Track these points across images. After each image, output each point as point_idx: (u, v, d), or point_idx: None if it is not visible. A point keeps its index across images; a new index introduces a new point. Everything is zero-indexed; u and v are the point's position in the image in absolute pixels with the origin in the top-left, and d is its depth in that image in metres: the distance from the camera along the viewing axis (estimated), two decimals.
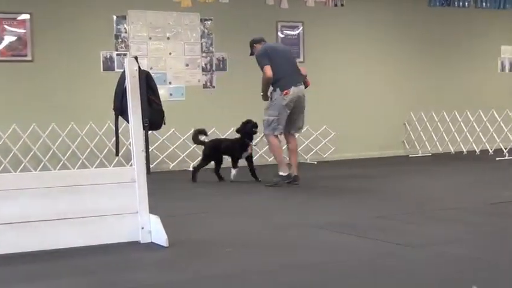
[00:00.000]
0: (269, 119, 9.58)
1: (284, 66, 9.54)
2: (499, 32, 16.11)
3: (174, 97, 12.73)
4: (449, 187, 9.23)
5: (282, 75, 9.47)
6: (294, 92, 9.44)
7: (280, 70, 9.48)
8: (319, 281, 4.41)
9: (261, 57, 9.64)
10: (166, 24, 12.74)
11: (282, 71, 9.49)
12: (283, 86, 9.43)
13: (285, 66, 9.55)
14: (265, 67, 9.48)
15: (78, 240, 5.52)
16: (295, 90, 9.46)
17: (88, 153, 11.90)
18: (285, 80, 9.47)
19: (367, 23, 14.60)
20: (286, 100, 9.42)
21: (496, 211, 7.01)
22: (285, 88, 9.41)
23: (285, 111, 9.48)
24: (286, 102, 9.43)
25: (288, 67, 9.61)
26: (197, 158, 12.50)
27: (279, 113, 9.47)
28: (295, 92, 9.46)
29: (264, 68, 9.49)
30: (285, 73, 9.50)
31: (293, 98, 9.46)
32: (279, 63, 9.52)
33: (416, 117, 14.71)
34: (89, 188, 5.62)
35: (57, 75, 11.90)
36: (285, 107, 9.45)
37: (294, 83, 9.50)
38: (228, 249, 5.42)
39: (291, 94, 9.41)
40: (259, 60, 9.62)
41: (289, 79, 9.49)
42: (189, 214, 7.41)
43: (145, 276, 4.67)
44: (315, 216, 7.05)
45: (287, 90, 9.40)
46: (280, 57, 9.63)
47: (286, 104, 9.44)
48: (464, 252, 5.08)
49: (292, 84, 9.46)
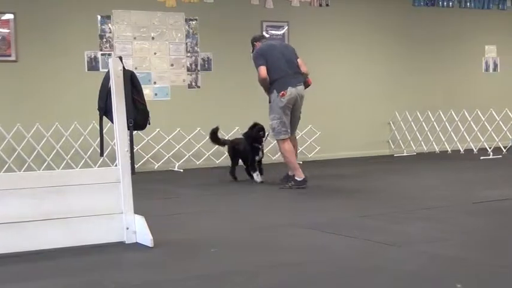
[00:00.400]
0: (272, 124, 9.31)
1: (281, 66, 9.22)
2: (483, 32, 16.18)
3: (159, 97, 12.71)
4: (434, 186, 9.27)
5: (279, 75, 9.18)
6: (291, 92, 9.14)
7: (276, 70, 9.18)
8: (303, 280, 4.42)
9: (256, 57, 9.38)
10: (151, 24, 12.72)
11: (279, 71, 9.19)
12: (279, 87, 9.14)
13: (282, 66, 9.22)
14: (259, 68, 9.22)
15: (63, 241, 5.49)
16: (292, 91, 9.15)
17: (73, 154, 11.87)
18: (281, 80, 9.16)
19: (352, 23, 14.63)
20: (284, 102, 9.14)
21: (480, 210, 7.04)
22: (282, 89, 9.12)
23: (285, 113, 9.21)
24: (284, 104, 9.15)
25: (285, 67, 9.24)
26: (183, 158, 12.51)
27: (279, 116, 9.20)
28: (293, 93, 9.16)
29: (258, 69, 9.24)
30: (282, 73, 9.19)
31: (291, 99, 9.17)
32: (275, 63, 9.21)
33: (401, 117, 14.75)
34: (74, 188, 5.60)
35: (41, 75, 11.85)
36: (284, 109, 9.18)
37: (291, 83, 9.18)
38: (213, 249, 5.42)
39: (287, 95, 9.11)
40: (254, 61, 9.39)
41: (286, 80, 9.18)
42: (174, 214, 7.40)
43: (130, 277, 4.67)
44: (300, 216, 7.06)
45: (283, 92, 9.10)
46: (277, 57, 9.27)
47: (284, 106, 9.16)
48: (448, 251, 5.10)
49: (289, 85, 9.14)
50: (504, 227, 6.18)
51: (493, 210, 6.99)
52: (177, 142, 12.55)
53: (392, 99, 14.92)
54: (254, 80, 13.27)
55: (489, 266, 4.61)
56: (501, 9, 16.37)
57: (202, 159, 12.75)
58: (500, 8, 16.36)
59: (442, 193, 8.43)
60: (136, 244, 5.66)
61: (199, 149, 12.70)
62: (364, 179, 10.32)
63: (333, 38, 14.16)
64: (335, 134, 13.78)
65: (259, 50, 9.39)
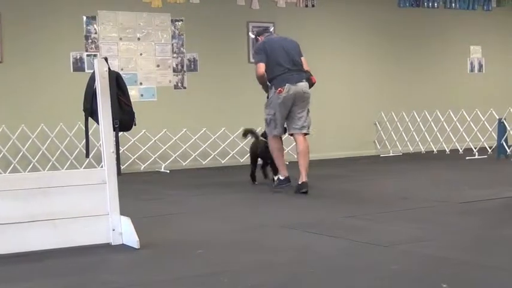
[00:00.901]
0: (266, 119, 9.10)
1: (282, 63, 8.90)
2: (468, 33, 16.26)
3: (145, 98, 12.69)
4: (419, 186, 9.29)
5: (278, 72, 8.90)
6: (289, 89, 8.82)
7: (276, 67, 8.90)
8: (290, 280, 4.42)
9: (256, 52, 9.18)
10: (137, 24, 12.70)
11: (279, 68, 8.90)
12: (277, 84, 8.87)
13: (283, 63, 8.90)
14: (257, 64, 8.97)
15: (48, 243, 5.47)
16: (291, 88, 8.83)
17: (58, 155, 11.84)
18: (280, 77, 8.87)
19: (337, 24, 14.66)
20: (281, 98, 8.83)
21: (466, 210, 7.06)
22: (279, 86, 8.84)
23: (280, 110, 8.91)
24: (281, 101, 8.84)
25: (287, 64, 8.92)
26: (169, 159, 12.50)
27: (274, 112, 8.94)
28: (292, 90, 8.83)
29: (256, 66, 8.99)
30: (282, 70, 8.88)
31: (288, 96, 8.83)
32: (276, 59, 8.91)
33: (387, 117, 14.80)
34: (59, 189, 5.57)
35: (26, 76, 11.81)
36: (280, 106, 8.86)
37: (290, 80, 8.86)
38: (200, 250, 5.41)
39: (285, 92, 8.81)
40: (254, 56, 9.23)
41: (285, 77, 8.87)
42: (161, 215, 7.38)
43: (116, 278, 4.65)
44: (286, 216, 7.06)
45: (281, 88, 8.81)
46: (278, 53, 8.95)
47: (282, 103, 8.85)
48: (434, 251, 5.12)
49: (287, 82, 8.83)
50: (490, 226, 6.20)
51: (478, 210, 7.01)
52: (163, 143, 12.53)
53: (378, 99, 14.96)
54: (240, 80, 13.35)
55: (475, 266, 4.62)
56: (486, 9, 16.44)
57: (189, 160, 12.74)
58: (485, 8, 16.43)
59: (428, 193, 8.45)
60: (122, 245, 5.64)
61: (185, 150, 12.69)
62: (350, 179, 10.34)
63: (318, 39, 14.17)
64: (321, 135, 13.77)
65: (261, 45, 9.13)
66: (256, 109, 12.43)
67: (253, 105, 12.98)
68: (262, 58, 8.92)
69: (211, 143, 12.90)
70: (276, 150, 9.08)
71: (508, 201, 7.56)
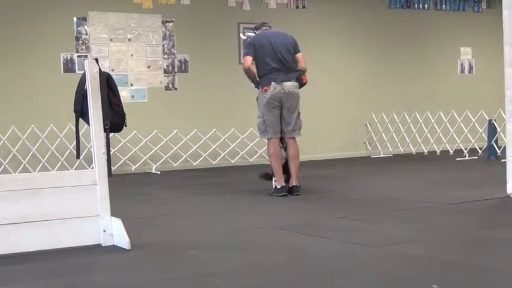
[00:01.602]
0: (258, 122, 8.83)
1: (268, 61, 8.62)
2: (459, 34, 16.30)
3: (136, 99, 12.67)
4: (410, 187, 9.31)
5: (265, 71, 8.64)
6: (274, 88, 8.56)
7: (263, 65, 8.64)
8: (281, 281, 4.43)
9: (245, 45, 8.94)
10: (128, 25, 12.68)
11: (265, 66, 8.63)
12: (263, 83, 8.63)
13: (270, 61, 8.62)
14: (244, 57, 8.75)
15: (38, 244, 5.47)
16: (277, 87, 8.56)
17: (49, 156, 11.81)
18: (267, 76, 8.62)
19: (328, 25, 14.68)
20: (266, 98, 8.57)
21: (456, 211, 7.08)
22: (265, 85, 8.60)
23: (269, 111, 8.62)
24: (266, 100, 8.58)
25: (274, 62, 8.63)
26: (160, 161, 12.48)
27: (263, 114, 8.69)
28: (277, 89, 8.56)
29: (243, 59, 8.77)
30: (268, 69, 8.62)
31: (274, 96, 8.57)
32: (263, 57, 8.64)
33: (377, 118, 14.82)
34: (50, 191, 5.57)
35: (17, 77, 11.77)
36: (268, 106, 8.60)
37: (276, 79, 8.59)
38: (191, 251, 5.42)
39: (270, 91, 8.55)
40: (243, 49, 9.01)
41: (271, 76, 8.61)
42: (152, 216, 7.38)
43: (107, 279, 4.65)
44: (277, 217, 7.07)
45: (266, 87, 8.56)
46: (266, 51, 8.64)
47: (268, 103, 8.58)
48: (424, 251, 5.13)
49: (273, 81, 8.57)
50: (480, 227, 6.23)
51: (468, 211, 7.04)
52: (154, 144, 12.52)
53: (368, 100, 14.99)
54: (231, 81, 13.35)
55: (465, 266, 4.64)
56: (476, 11, 16.49)
57: (180, 161, 12.73)
58: (475, 10, 16.49)
59: (419, 194, 8.47)
60: (113, 246, 5.64)
61: (176, 151, 12.68)
62: (341, 181, 10.35)
63: (309, 40, 14.14)
64: (312, 136, 13.77)
65: (252, 40, 8.91)
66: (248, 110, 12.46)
67: (244, 107, 12.99)
68: (249, 52, 8.68)
69: (202, 144, 12.89)
70: (272, 155, 8.73)
71: (497, 202, 7.59)
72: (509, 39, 7.72)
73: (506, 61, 7.77)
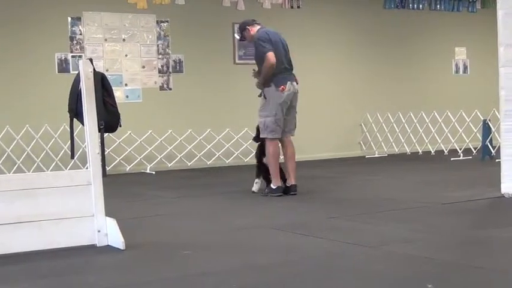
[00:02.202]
0: (266, 121, 8.54)
1: (282, 60, 8.54)
2: (453, 34, 16.32)
3: (131, 99, 12.66)
4: (404, 187, 9.32)
5: (279, 69, 8.49)
6: (289, 88, 8.52)
7: (278, 63, 8.45)
8: (275, 281, 4.43)
9: (263, 41, 8.50)
10: (122, 25, 12.67)
11: (280, 65, 8.48)
12: (279, 81, 8.46)
13: (283, 60, 8.57)
14: (269, 53, 8.34)
15: (33, 244, 5.46)
16: (291, 86, 8.53)
17: (43, 156, 11.79)
18: (282, 74, 8.51)
19: (323, 25, 14.68)
20: (283, 97, 8.48)
21: (450, 211, 7.09)
22: (281, 83, 8.45)
23: (282, 109, 8.54)
24: (283, 100, 8.49)
25: (285, 61, 8.61)
26: (154, 161, 12.47)
27: (275, 113, 8.49)
28: (291, 89, 8.54)
29: (268, 55, 8.34)
30: (282, 68, 8.52)
31: (289, 95, 8.54)
32: (278, 54, 8.47)
33: (372, 119, 14.83)
34: (44, 191, 5.56)
35: (11, 77, 11.76)
36: (282, 105, 8.52)
37: (290, 79, 8.57)
38: (186, 251, 5.41)
39: (287, 90, 8.48)
40: (262, 45, 8.47)
41: (285, 74, 8.55)
42: (146, 217, 7.37)
43: (101, 279, 4.64)
44: (272, 218, 7.07)
45: (283, 86, 8.44)
46: (280, 49, 8.57)
47: (283, 102, 8.51)
48: (418, 251, 5.14)
49: (288, 80, 8.53)
50: (474, 227, 6.24)
51: (463, 211, 7.05)
52: (149, 144, 12.51)
53: (363, 100, 15.00)
54: (226, 81, 13.35)
55: (460, 266, 4.64)
56: (471, 11, 16.52)
57: (174, 161, 12.72)
58: (470, 10, 16.52)
59: (413, 194, 8.48)
60: (107, 247, 5.64)
61: (171, 151, 12.68)
62: (335, 181, 10.36)
63: (303, 41, 14.18)
64: (307, 136, 13.78)
65: (267, 35, 8.58)
66: (242, 111, 12.47)
67: (239, 107, 13.00)
68: (270, 47, 8.45)
69: (197, 144, 12.88)
70: (272, 155, 8.60)
71: (492, 201, 7.60)
72: (504, 40, 7.73)
73: (501, 61, 7.78)
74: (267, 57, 8.38)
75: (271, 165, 8.64)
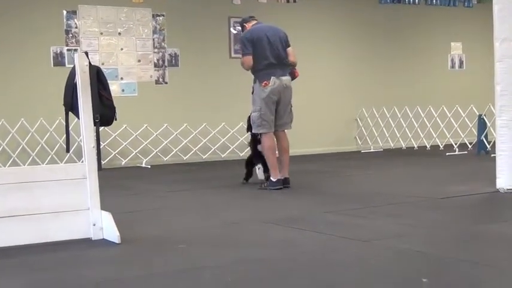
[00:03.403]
0: (252, 116, 8.73)
1: (267, 55, 8.60)
2: (449, 29, 16.34)
3: (126, 93, 12.65)
4: (399, 182, 9.33)
5: (263, 65, 8.59)
6: (274, 82, 8.58)
7: (261, 60, 8.59)
8: (270, 275, 4.43)
9: (244, 43, 8.68)
10: (118, 19, 12.65)
11: (263, 61, 8.59)
12: (262, 77, 8.59)
13: (268, 55, 8.60)
14: (245, 57, 8.62)
15: (28, 238, 5.45)
16: (276, 81, 8.59)
17: (39, 150, 11.78)
18: (265, 70, 8.60)
19: (319, 20, 14.68)
20: (266, 92, 8.56)
21: (445, 205, 7.10)
22: (264, 79, 8.57)
23: (267, 105, 8.60)
24: (266, 95, 8.56)
25: (271, 56, 8.62)
26: (150, 155, 12.47)
27: (260, 108, 8.61)
28: (277, 84, 8.60)
29: (243, 58, 8.65)
30: (266, 64, 8.60)
31: (274, 90, 8.59)
32: (262, 51, 8.59)
33: (368, 113, 14.84)
34: (40, 184, 5.55)
35: (6, 70, 11.74)
36: (266, 100, 8.59)
37: (275, 73, 8.61)
38: (181, 245, 5.41)
39: (270, 85, 8.56)
40: (241, 47, 8.73)
41: (270, 70, 8.61)
42: (142, 211, 7.37)
43: (96, 273, 4.64)
44: (267, 212, 7.07)
45: (266, 81, 8.55)
46: (264, 45, 8.62)
47: (267, 97, 8.57)
48: (414, 246, 5.14)
49: (272, 75, 8.57)
50: (470, 222, 6.25)
51: (458, 206, 7.05)
52: (145, 138, 12.51)
53: (359, 95, 15.01)
54: (222, 76, 13.34)
55: (455, 261, 4.65)
56: (467, 6, 16.54)
57: (170, 156, 12.72)
58: (466, 5, 16.55)
59: (408, 189, 8.48)
60: (103, 240, 5.63)
61: (166, 145, 12.68)
62: (331, 175, 10.37)
63: (299, 35, 14.15)
64: (302, 131, 13.77)
65: (248, 35, 8.73)
66: (238, 105, 12.46)
67: (234, 101, 12.99)
68: (248, 50, 8.60)
69: (193, 138, 12.89)
70: (268, 149, 8.69)
71: (487, 196, 7.62)
72: (500, 34, 7.73)
73: (497, 56, 7.78)
74: (243, 61, 8.69)
75: (268, 158, 8.69)
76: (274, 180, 8.65)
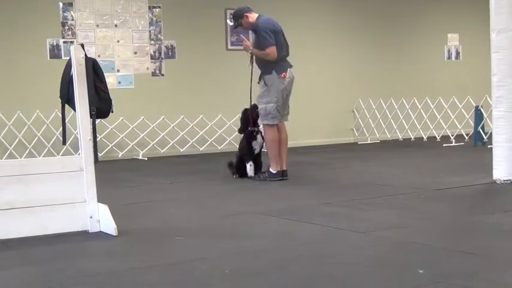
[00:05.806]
0: (267, 107, 8.59)
1: (282, 47, 8.64)
2: (446, 20, 16.33)
3: (123, 85, 12.64)
4: (396, 173, 9.34)
5: (280, 57, 8.60)
6: (290, 75, 8.66)
7: (279, 51, 8.57)
8: (267, 267, 4.43)
9: (267, 32, 8.55)
10: (114, 11, 12.62)
11: (281, 52, 8.60)
12: (280, 69, 8.58)
13: (284, 48, 8.68)
14: (271, 48, 8.51)
15: (25, 230, 5.45)
16: (291, 73, 8.68)
17: (35, 142, 11.77)
18: (282, 62, 8.63)
19: (315, 11, 14.66)
20: (285, 84, 8.60)
21: (442, 196, 7.11)
22: (282, 70, 8.57)
23: (283, 96, 8.64)
24: (285, 86, 8.61)
25: (285, 49, 8.71)
26: (147, 147, 12.47)
27: (277, 100, 8.58)
28: (291, 76, 8.67)
29: (269, 49, 8.52)
30: (282, 55, 8.64)
31: (290, 82, 8.68)
32: (278, 43, 8.58)
33: (364, 105, 14.85)
34: (36, 177, 5.55)
35: (2, 63, 11.71)
36: (283, 91, 8.63)
37: (289, 65, 8.72)
38: (178, 237, 5.41)
39: (288, 77, 8.62)
40: (265, 36, 8.53)
41: (285, 62, 8.69)
42: (139, 203, 7.37)
43: (93, 265, 4.64)
44: (264, 203, 7.07)
45: (285, 73, 8.56)
46: (280, 37, 8.68)
47: (285, 88, 8.63)
48: (410, 237, 5.15)
49: (288, 67, 8.67)
50: (467, 213, 6.26)
51: (455, 197, 7.06)
52: (141, 130, 12.50)
53: (356, 87, 15.01)
54: (218, 67, 13.32)
55: (451, 252, 4.66)
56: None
57: (167, 148, 12.72)
58: None
59: (405, 180, 8.49)
60: (100, 233, 5.63)
61: (163, 138, 12.67)
62: (327, 167, 10.37)
63: (296, 26, 14.14)
64: (299, 122, 13.78)
65: (270, 27, 8.64)
66: (234, 97, 12.44)
67: (231, 93, 12.98)
68: (272, 41, 8.53)
69: (189, 130, 12.89)
70: (272, 141, 8.70)
71: (484, 187, 7.63)
72: (496, 25, 7.73)
73: (493, 47, 7.78)
74: (269, 52, 8.52)
75: (271, 150, 8.72)
76: (274, 172, 8.71)
